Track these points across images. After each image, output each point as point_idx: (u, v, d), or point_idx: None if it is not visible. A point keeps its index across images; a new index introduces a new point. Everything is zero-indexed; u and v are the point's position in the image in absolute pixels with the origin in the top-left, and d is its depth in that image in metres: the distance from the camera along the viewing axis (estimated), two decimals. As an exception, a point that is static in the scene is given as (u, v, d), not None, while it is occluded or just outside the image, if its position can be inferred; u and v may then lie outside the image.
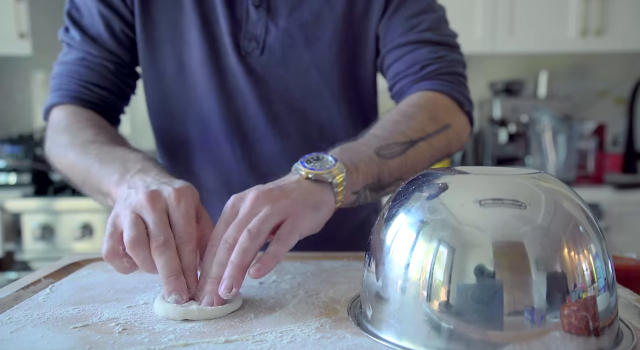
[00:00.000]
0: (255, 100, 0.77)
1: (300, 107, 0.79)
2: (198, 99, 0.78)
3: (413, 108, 0.71)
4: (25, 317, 0.47)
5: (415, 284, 0.40)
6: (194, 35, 0.75)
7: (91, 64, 0.76)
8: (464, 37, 2.48)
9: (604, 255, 0.40)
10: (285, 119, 0.79)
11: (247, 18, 0.75)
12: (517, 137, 2.27)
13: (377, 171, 0.61)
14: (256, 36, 0.75)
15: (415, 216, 0.41)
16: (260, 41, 0.75)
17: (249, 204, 0.51)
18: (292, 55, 0.76)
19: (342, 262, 0.67)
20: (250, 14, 0.74)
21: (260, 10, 0.74)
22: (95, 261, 0.67)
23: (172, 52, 0.77)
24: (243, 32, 0.75)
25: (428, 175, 0.45)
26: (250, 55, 0.75)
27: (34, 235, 1.94)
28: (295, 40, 0.75)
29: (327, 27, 0.76)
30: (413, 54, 0.75)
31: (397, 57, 0.77)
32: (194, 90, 0.78)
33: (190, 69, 0.77)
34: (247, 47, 0.75)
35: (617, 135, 2.47)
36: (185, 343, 0.41)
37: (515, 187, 0.41)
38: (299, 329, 0.44)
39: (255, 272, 0.47)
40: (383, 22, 0.78)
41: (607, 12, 2.16)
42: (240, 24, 0.75)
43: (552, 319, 0.37)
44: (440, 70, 0.75)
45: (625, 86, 2.45)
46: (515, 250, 0.38)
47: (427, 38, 0.75)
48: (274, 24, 0.75)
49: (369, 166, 0.60)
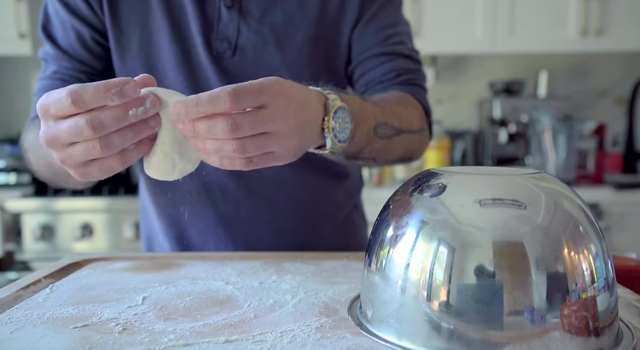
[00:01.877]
0: None
1: None
2: None
3: (405, 100, 0.75)
4: (25, 317, 0.47)
5: (415, 284, 0.40)
6: (164, 37, 0.76)
7: (64, 77, 0.76)
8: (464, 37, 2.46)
9: (604, 255, 0.40)
10: None
11: (219, 19, 0.75)
12: (517, 137, 2.27)
13: (363, 144, 0.62)
14: (228, 37, 0.76)
15: (415, 216, 0.41)
16: (232, 42, 0.76)
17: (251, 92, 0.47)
18: (264, 56, 0.77)
19: (342, 262, 0.67)
20: (222, 14, 0.75)
21: (232, 11, 0.75)
22: (95, 261, 0.67)
23: (140, 55, 0.77)
24: (215, 33, 0.75)
25: (428, 175, 0.45)
26: (222, 55, 0.76)
27: (34, 235, 1.94)
28: (266, 42, 0.76)
29: (299, 30, 0.77)
30: (389, 63, 0.78)
31: (371, 67, 0.79)
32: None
33: (160, 71, 0.77)
34: (219, 47, 0.76)
35: (617, 135, 2.47)
36: (185, 343, 0.41)
37: (515, 187, 0.41)
38: (299, 329, 0.44)
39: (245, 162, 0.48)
40: (357, 30, 0.79)
41: (607, 12, 2.16)
42: (211, 25, 0.75)
43: (552, 319, 0.37)
44: (413, 80, 0.79)
45: (625, 86, 2.45)
46: (515, 250, 0.38)
47: (400, 51, 0.79)
48: (245, 25, 0.75)
49: (361, 140, 0.61)
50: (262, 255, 0.71)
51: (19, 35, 2.14)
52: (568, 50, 2.20)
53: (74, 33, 0.76)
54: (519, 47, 2.20)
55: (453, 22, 2.17)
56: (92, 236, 1.96)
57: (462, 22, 2.18)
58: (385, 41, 0.79)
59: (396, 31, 0.80)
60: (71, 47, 0.76)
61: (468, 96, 2.49)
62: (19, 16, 2.14)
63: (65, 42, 0.76)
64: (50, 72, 0.76)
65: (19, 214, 1.96)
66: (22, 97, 2.45)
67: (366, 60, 0.79)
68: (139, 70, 0.77)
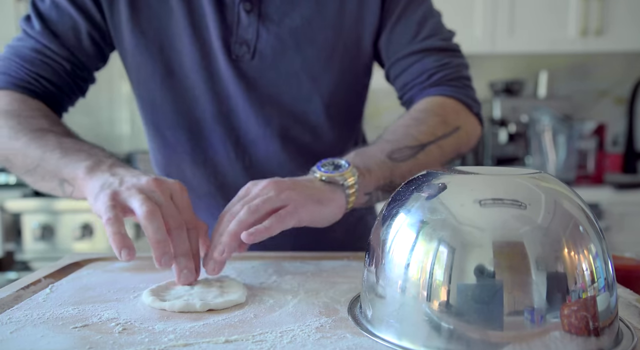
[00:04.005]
0: (247, 103, 0.78)
1: (291, 111, 0.80)
2: (188, 104, 0.79)
3: (423, 113, 0.74)
4: (25, 317, 0.47)
5: (415, 284, 0.40)
6: (185, 41, 0.75)
7: (47, 59, 0.74)
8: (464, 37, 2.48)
9: (604, 255, 0.40)
10: (277, 122, 0.80)
11: (239, 23, 0.75)
12: (517, 137, 2.27)
13: (389, 173, 0.65)
14: (247, 41, 0.76)
15: (415, 216, 0.41)
16: (251, 46, 0.76)
17: (259, 187, 0.58)
18: (283, 59, 0.77)
19: (342, 262, 0.67)
20: (242, 18, 0.75)
21: (251, 15, 0.75)
22: (95, 261, 0.67)
23: (160, 59, 0.77)
24: (234, 36, 0.75)
25: (428, 175, 0.45)
26: (241, 59, 0.76)
27: (34, 235, 1.94)
28: (285, 45, 0.76)
29: (318, 33, 0.77)
30: (419, 64, 0.78)
31: (403, 69, 0.79)
32: (184, 95, 0.79)
33: (179, 75, 0.77)
34: (238, 51, 0.76)
35: (617, 135, 2.47)
36: (185, 343, 0.41)
37: (515, 187, 0.41)
38: (299, 329, 0.44)
39: (246, 236, 0.53)
40: (384, 34, 0.79)
41: (607, 12, 2.16)
42: (231, 29, 0.75)
43: (552, 319, 0.37)
44: (447, 77, 0.77)
45: (625, 86, 2.45)
46: (515, 250, 0.38)
47: (430, 46, 0.77)
48: (265, 28, 0.75)
49: (382, 169, 0.64)
50: (262, 255, 0.71)
51: (19, 35, 2.14)
52: (568, 50, 2.20)
53: (70, 21, 0.74)
54: (519, 47, 2.20)
55: (453, 22, 2.16)
56: (92, 236, 1.96)
57: (462, 22, 2.18)
58: (414, 39, 0.78)
59: (424, 25, 0.78)
60: (64, 34, 0.74)
61: (468, 96, 2.48)
62: (19, 16, 2.14)
63: (60, 27, 0.74)
64: (32, 47, 0.74)
65: (19, 214, 1.96)
66: (22, 97, 2.45)
67: (397, 62, 0.79)
68: (157, 74, 0.78)
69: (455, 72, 0.78)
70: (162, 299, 0.50)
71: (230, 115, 0.79)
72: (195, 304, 0.48)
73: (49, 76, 0.74)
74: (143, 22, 0.75)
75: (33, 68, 0.73)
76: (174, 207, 0.55)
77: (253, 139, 0.80)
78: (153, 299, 0.50)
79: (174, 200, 0.56)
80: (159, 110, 0.81)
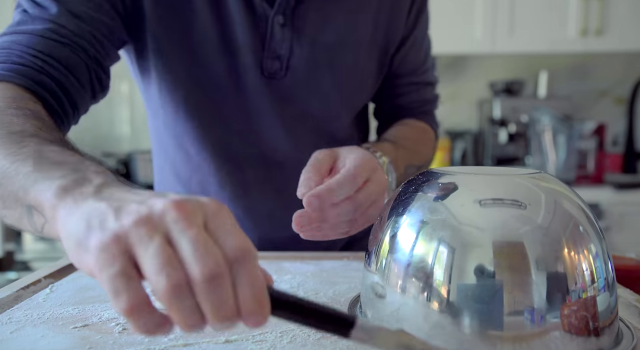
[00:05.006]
0: (277, 122, 0.74)
1: (320, 128, 0.78)
2: (214, 119, 0.74)
3: (426, 135, 0.86)
4: (25, 317, 0.47)
5: (415, 284, 0.40)
6: (210, 49, 0.69)
7: (63, 38, 0.58)
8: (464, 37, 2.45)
9: (604, 255, 0.40)
10: (306, 140, 0.76)
11: (272, 36, 0.70)
12: (517, 137, 2.27)
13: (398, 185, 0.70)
14: (280, 56, 0.71)
15: (415, 216, 0.41)
16: (284, 61, 0.72)
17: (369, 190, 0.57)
18: (315, 77, 0.74)
19: (342, 262, 0.67)
20: (275, 32, 0.70)
21: (285, 29, 0.70)
22: (95, 261, 0.67)
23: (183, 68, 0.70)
24: (266, 51, 0.70)
25: (428, 175, 0.45)
26: (274, 76, 0.72)
27: (34, 235, 1.94)
28: (318, 63, 0.73)
29: (349, 51, 0.75)
30: (416, 93, 0.86)
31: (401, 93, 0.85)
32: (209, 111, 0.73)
33: (206, 89, 0.72)
34: (271, 67, 0.71)
35: (617, 135, 2.47)
36: (185, 343, 0.41)
37: (515, 187, 0.41)
38: (299, 329, 0.44)
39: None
40: (400, 53, 0.80)
41: (607, 12, 2.16)
42: (263, 42, 0.70)
43: (552, 319, 0.37)
44: (432, 109, 0.90)
45: (625, 86, 2.45)
46: (515, 250, 0.38)
47: (427, 80, 0.87)
48: (299, 45, 0.71)
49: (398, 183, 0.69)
50: (262, 255, 0.71)
51: (19, 35, 2.14)
52: (568, 50, 2.20)
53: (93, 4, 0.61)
54: (519, 47, 2.20)
55: (453, 22, 2.17)
56: (92, 236, 1.96)
57: (462, 22, 2.18)
58: (419, 69, 0.85)
59: (427, 55, 0.86)
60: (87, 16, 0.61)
61: (468, 96, 2.49)
62: (19, 16, 2.14)
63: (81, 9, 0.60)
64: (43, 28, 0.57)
65: (19, 214, 1.96)
66: (22, 97, 2.44)
67: (399, 86, 0.84)
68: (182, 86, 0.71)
69: (436, 105, 0.91)
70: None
71: (258, 134, 0.75)
72: None
73: (61, 58, 0.57)
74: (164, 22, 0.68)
75: (44, 49, 0.57)
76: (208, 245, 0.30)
77: (281, 159, 0.76)
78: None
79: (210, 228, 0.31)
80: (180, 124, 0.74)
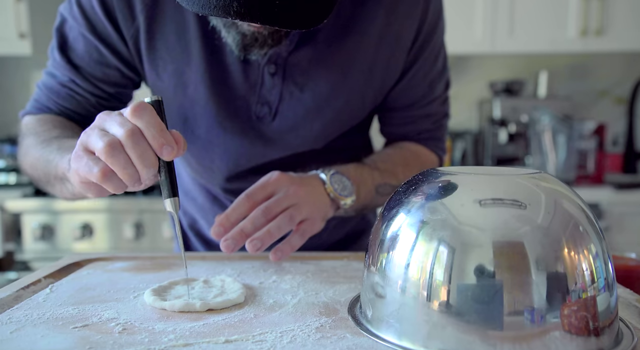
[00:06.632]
0: (261, 163, 0.77)
1: (307, 169, 0.77)
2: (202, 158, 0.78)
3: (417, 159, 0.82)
4: (25, 317, 0.47)
5: (415, 284, 0.40)
6: (201, 92, 0.73)
7: (73, 93, 0.74)
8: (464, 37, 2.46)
9: (604, 255, 0.40)
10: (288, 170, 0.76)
11: (262, 83, 0.73)
12: (517, 137, 2.27)
13: (369, 201, 0.75)
14: (269, 102, 0.74)
15: (415, 216, 0.42)
16: (272, 107, 0.74)
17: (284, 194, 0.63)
18: (304, 123, 0.75)
19: (342, 262, 0.67)
20: (265, 80, 0.73)
21: (275, 77, 0.73)
22: (95, 261, 0.67)
23: (175, 109, 0.74)
24: (256, 96, 0.73)
25: (428, 175, 0.45)
26: (262, 120, 0.74)
27: (34, 235, 1.94)
28: (307, 109, 0.74)
29: (340, 97, 0.75)
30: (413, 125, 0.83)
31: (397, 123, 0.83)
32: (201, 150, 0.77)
33: (194, 128, 0.75)
34: (259, 112, 0.74)
35: (617, 135, 2.47)
36: (185, 343, 0.41)
37: (515, 187, 0.41)
38: (299, 329, 0.44)
39: (274, 255, 0.61)
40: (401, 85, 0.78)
41: (607, 12, 2.16)
42: (254, 88, 0.73)
43: (552, 319, 0.37)
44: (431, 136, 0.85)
45: (625, 86, 2.45)
46: (515, 250, 0.38)
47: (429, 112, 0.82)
48: (288, 92, 0.73)
49: (366, 197, 0.73)
50: (262, 255, 0.71)
51: (19, 35, 2.14)
52: (568, 50, 2.20)
53: (96, 55, 0.72)
54: (519, 47, 2.20)
55: (453, 22, 2.16)
56: (92, 236, 1.96)
57: (462, 22, 2.18)
58: (419, 102, 0.81)
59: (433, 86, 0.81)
60: (89, 68, 0.73)
61: (468, 96, 2.49)
62: (19, 16, 2.14)
63: (84, 61, 0.73)
64: (61, 80, 0.74)
65: (19, 214, 1.96)
66: (22, 97, 2.45)
67: (397, 117, 0.82)
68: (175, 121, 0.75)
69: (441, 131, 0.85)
70: (163, 299, 0.50)
71: (244, 172, 0.78)
72: (195, 304, 0.48)
73: (73, 108, 0.75)
74: (159, 64, 0.72)
75: (60, 101, 0.75)
76: (125, 120, 0.48)
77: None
78: (154, 299, 0.50)
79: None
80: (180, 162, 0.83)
